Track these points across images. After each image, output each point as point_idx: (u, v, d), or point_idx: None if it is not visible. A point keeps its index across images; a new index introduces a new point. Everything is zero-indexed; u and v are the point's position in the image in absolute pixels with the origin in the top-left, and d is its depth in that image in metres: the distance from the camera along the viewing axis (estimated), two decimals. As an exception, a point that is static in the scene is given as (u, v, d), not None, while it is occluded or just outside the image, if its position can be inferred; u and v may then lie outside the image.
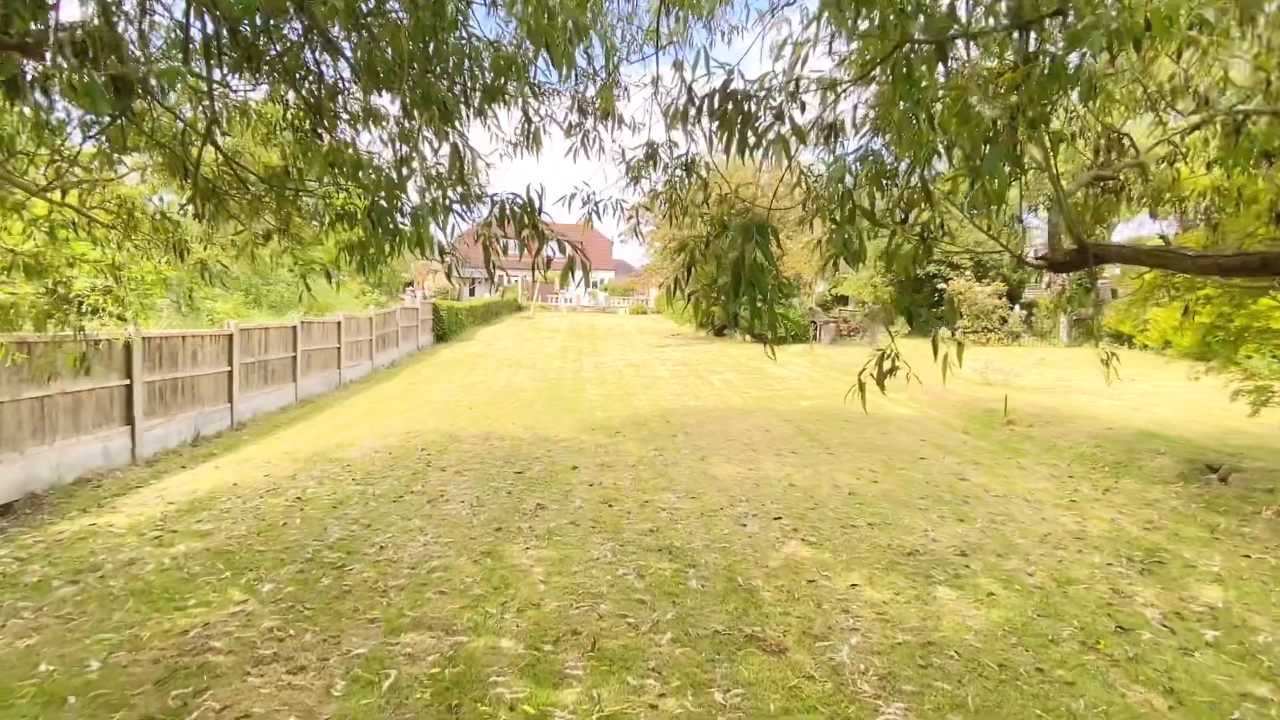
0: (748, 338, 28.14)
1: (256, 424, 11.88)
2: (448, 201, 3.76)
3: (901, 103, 2.93)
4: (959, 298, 27.43)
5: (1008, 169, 2.82)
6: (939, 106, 2.94)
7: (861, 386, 3.39)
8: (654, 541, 6.24)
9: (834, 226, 3.07)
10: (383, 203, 3.67)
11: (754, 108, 3.11)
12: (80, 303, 5.73)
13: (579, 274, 3.40)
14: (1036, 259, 5.34)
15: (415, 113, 3.74)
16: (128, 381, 9.00)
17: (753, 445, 10.36)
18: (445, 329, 27.43)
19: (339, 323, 16.40)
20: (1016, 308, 29.11)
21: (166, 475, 8.52)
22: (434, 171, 4.02)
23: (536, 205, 3.50)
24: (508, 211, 3.50)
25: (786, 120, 3.09)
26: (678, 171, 5.30)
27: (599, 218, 6.02)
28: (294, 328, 14.02)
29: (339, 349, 16.39)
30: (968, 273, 28.26)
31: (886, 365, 3.44)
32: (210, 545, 6.05)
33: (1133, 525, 7.00)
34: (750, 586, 5.32)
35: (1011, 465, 9.46)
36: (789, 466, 9.10)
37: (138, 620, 4.65)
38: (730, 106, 3.07)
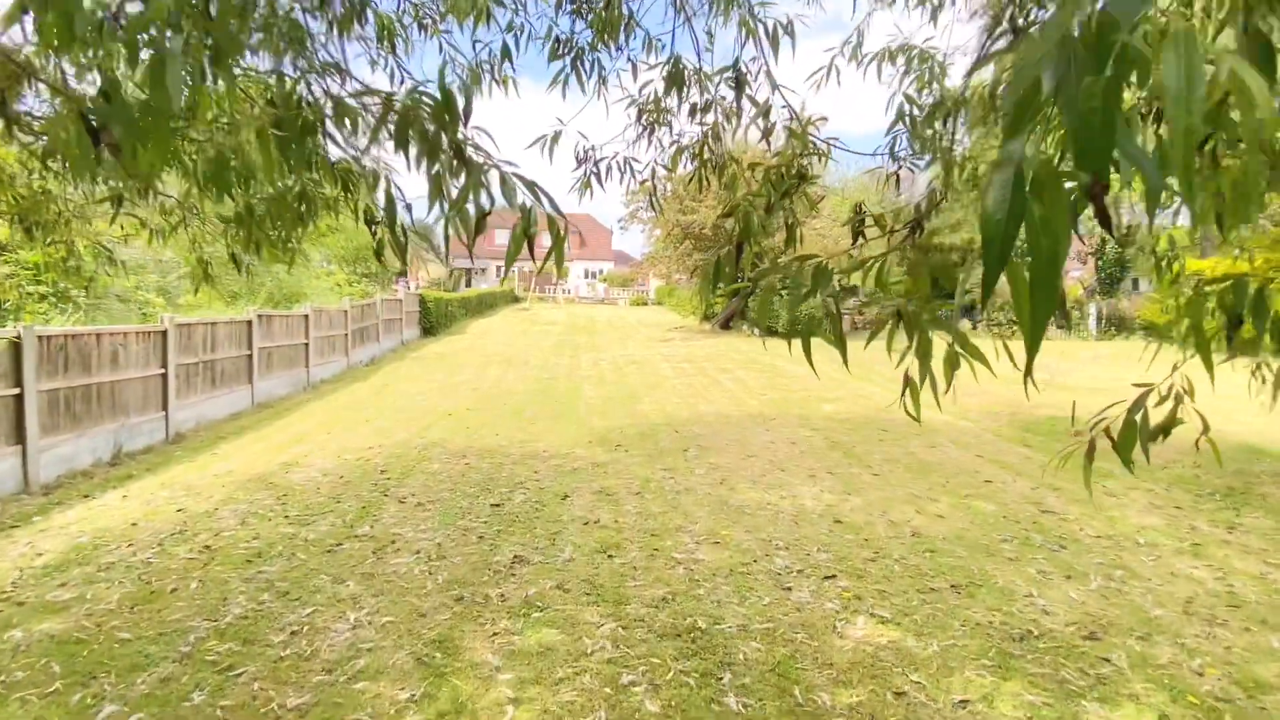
0: (756, 331, 26.44)
1: (199, 435, 10.19)
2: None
3: None
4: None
5: None
6: None
7: (914, 393, 1.78)
8: (670, 620, 4.57)
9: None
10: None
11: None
12: None
13: (548, 249, 1.74)
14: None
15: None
16: (16, 390, 7.30)
17: (779, 463, 8.68)
18: (433, 322, 25.72)
19: (306, 316, 14.69)
20: (1041, 298, 27.39)
21: (58, 509, 6.84)
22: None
23: (457, 109, 1.79)
24: (411, 115, 1.79)
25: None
26: (724, 91, 3.61)
27: (600, 183, 4.33)
28: (249, 322, 12.31)
29: (306, 345, 14.69)
30: (991, 261, 26.53)
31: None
32: (58, 629, 4.37)
33: (1297, 585, 5.34)
34: (815, 707, 3.65)
35: (1098, 490, 7.78)
36: (829, 493, 7.43)
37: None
38: None
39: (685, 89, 3.91)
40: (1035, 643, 4.38)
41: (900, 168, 3.78)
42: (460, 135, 1.76)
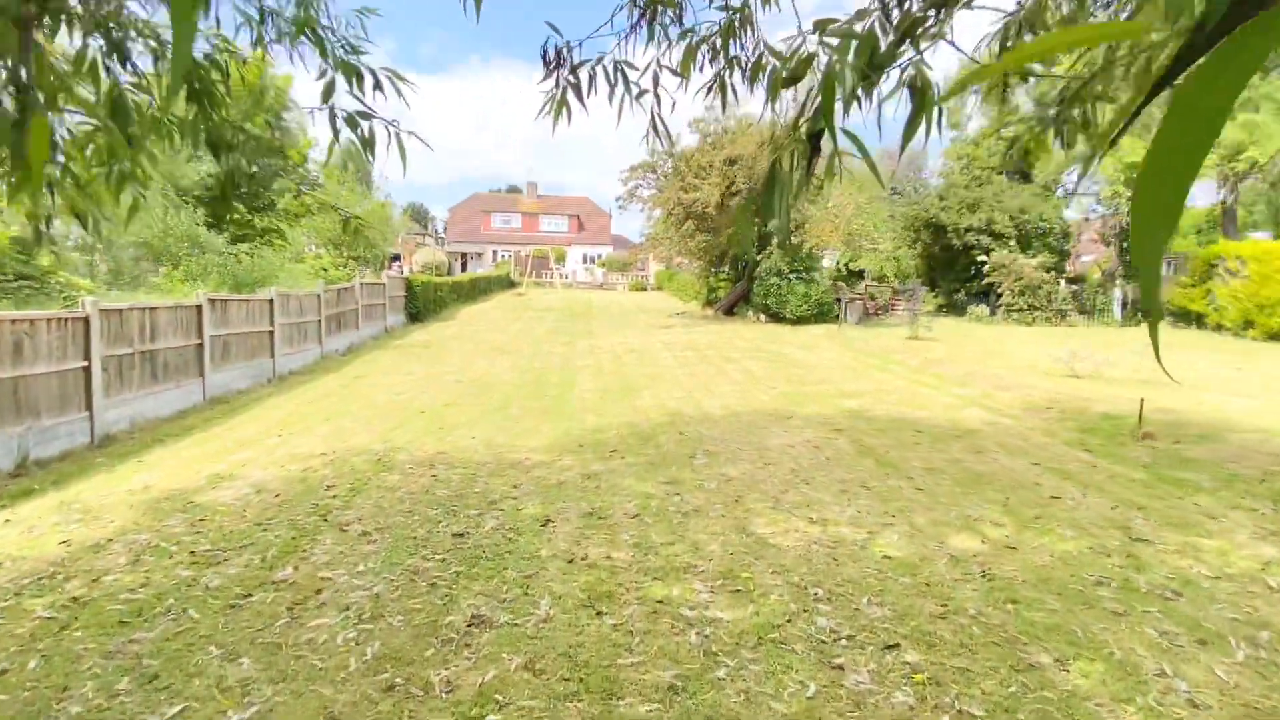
0: (762, 317, 25.05)
1: (132, 437, 8.85)
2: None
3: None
4: (1002, 271, 24.27)
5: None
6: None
7: None
8: (681, 726, 3.25)
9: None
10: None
11: None
12: None
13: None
14: None
15: None
16: (-126, 391, 5.95)
17: (803, 473, 7.36)
18: (420, 307, 24.31)
19: (270, 301, 13.29)
20: (1063, 283, 25.99)
21: (-83, 538, 5.51)
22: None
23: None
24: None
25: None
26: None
27: (581, 100, 2.96)
28: (198, 307, 10.93)
29: (271, 333, 13.31)
30: (1012, 243, 25.03)
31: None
32: None
33: None
34: None
35: (1190, 509, 6.45)
36: (869, 515, 6.11)
37: None
38: None
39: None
40: (1201, 763, 3.07)
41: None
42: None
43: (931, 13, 1.79)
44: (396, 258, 58.86)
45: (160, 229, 15.52)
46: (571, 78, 2.86)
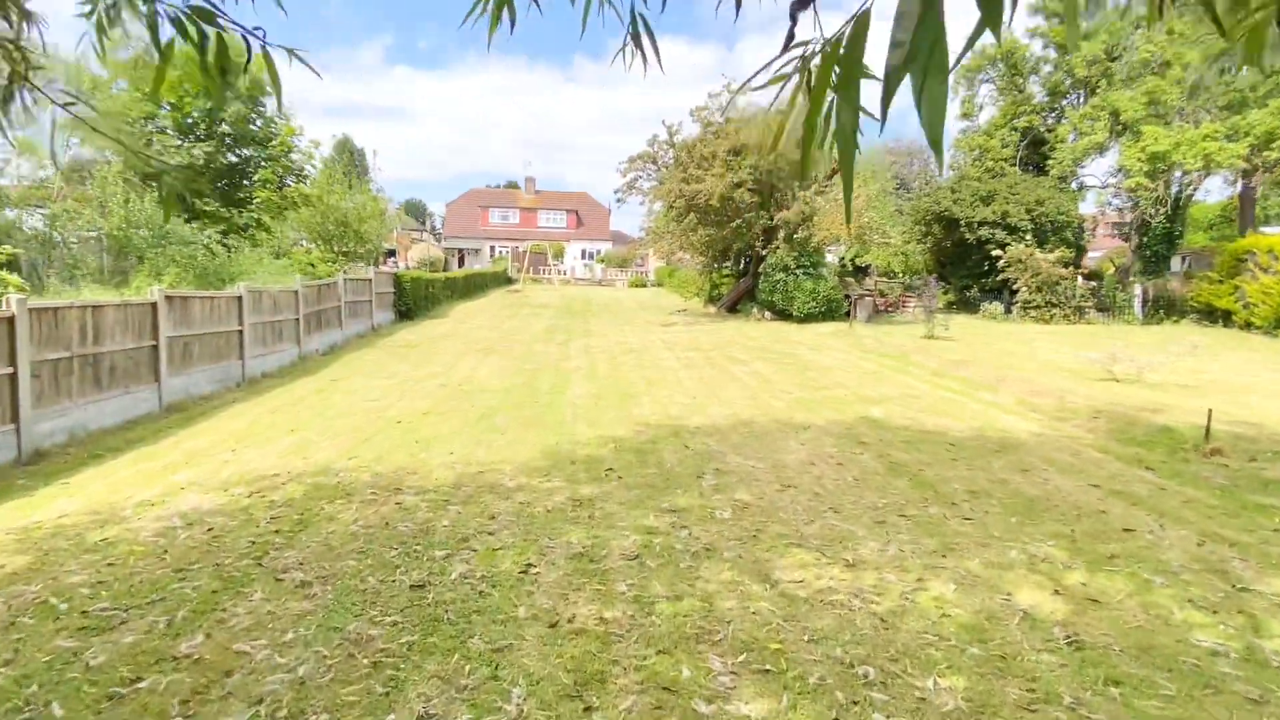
0: (767, 314, 24.00)
1: (67, 452, 7.84)
2: None
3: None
4: (1018, 266, 23.21)
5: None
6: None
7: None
8: None
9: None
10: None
11: None
12: None
13: None
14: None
15: None
16: None
17: (830, 498, 6.35)
18: (410, 304, 23.27)
19: (239, 298, 12.27)
20: (1079, 279, 24.94)
21: None
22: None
23: None
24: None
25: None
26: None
27: None
28: (152, 305, 9.90)
29: (240, 332, 12.29)
30: (1028, 237, 23.95)
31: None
32: None
33: None
34: None
35: (1291, 546, 5.46)
36: (913, 555, 5.10)
37: None
38: None
39: None
40: None
41: None
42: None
43: None
44: (392, 253, 57.70)
45: (120, 217, 14.40)
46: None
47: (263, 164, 20.83)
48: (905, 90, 1.16)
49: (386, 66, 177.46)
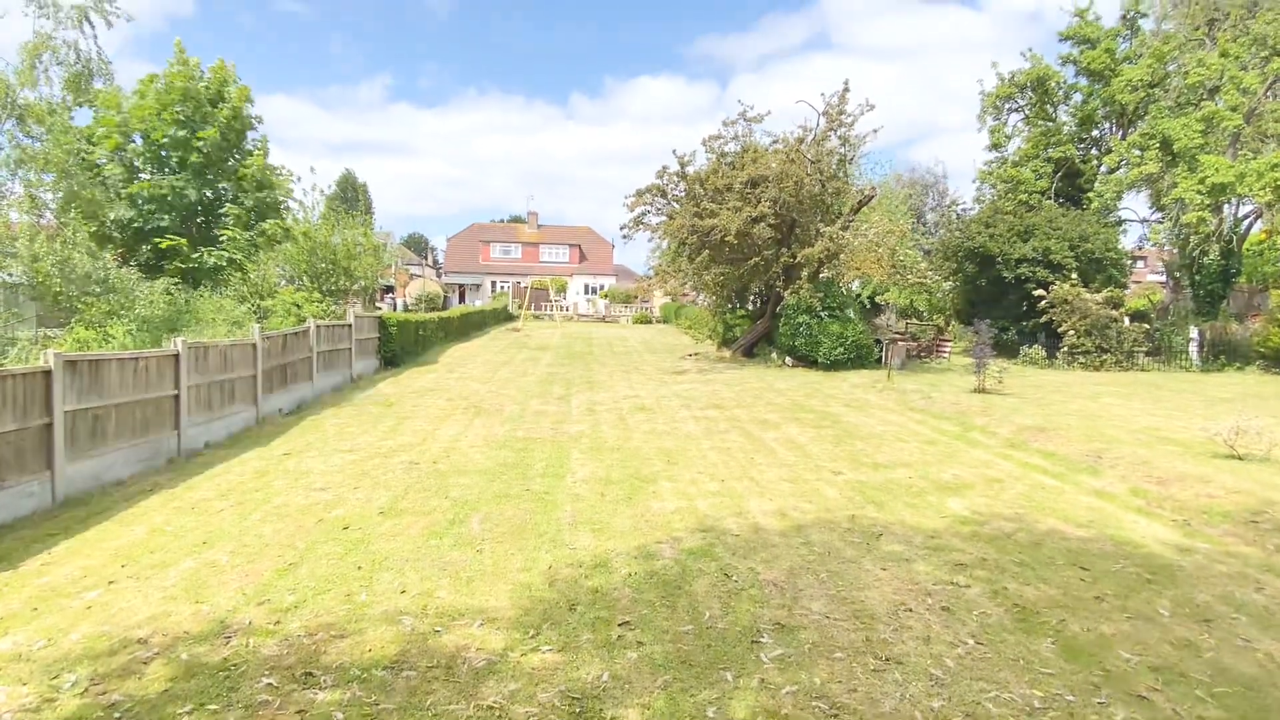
0: (787, 360, 21.92)
1: (-117, 584, 5.72)
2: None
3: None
4: (1064, 307, 21.15)
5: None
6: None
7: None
8: None
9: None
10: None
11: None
12: None
13: None
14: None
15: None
16: None
17: (950, 682, 4.18)
18: (397, 350, 21.28)
19: (175, 355, 10.26)
20: (1127, 321, 22.89)
21: None
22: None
23: None
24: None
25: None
26: None
27: None
28: (45, 373, 7.87)
29: (176, 396, 10.25)
30: (1073, 275, 21.91)
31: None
32: None
33: None
34: None
35: None
36: None
37: None
38: None
39: None
40: None
41: None
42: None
43: None
44: (389, 289, 56.00)
45: (34, 257, 12.50)
46: None
47: (235, 199, 19.08)
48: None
49: (387, 103, 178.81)
